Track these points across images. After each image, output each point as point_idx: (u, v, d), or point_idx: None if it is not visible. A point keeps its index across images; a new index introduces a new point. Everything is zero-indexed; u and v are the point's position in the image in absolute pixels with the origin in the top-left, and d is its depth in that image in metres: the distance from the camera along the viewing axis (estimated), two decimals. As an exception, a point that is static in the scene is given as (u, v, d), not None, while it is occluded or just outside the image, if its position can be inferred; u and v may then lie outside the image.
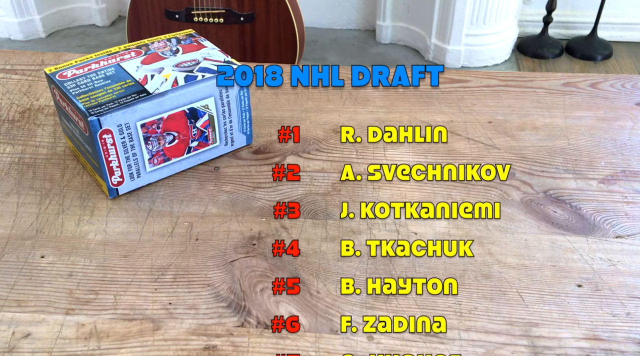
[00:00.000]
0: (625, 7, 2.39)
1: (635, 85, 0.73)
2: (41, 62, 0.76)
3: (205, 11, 1.78)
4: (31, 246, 0.51)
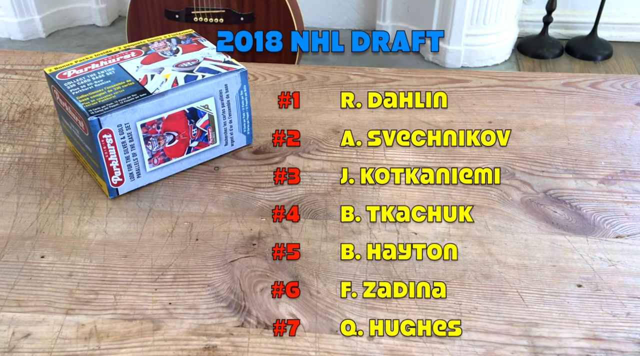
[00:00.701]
0: (625, 7, 2.39)
1: (635, 85, 0.73)
2: (41, 62, 0.76)
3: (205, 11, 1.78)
4: (31, 246, 0.51)
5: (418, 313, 0.45)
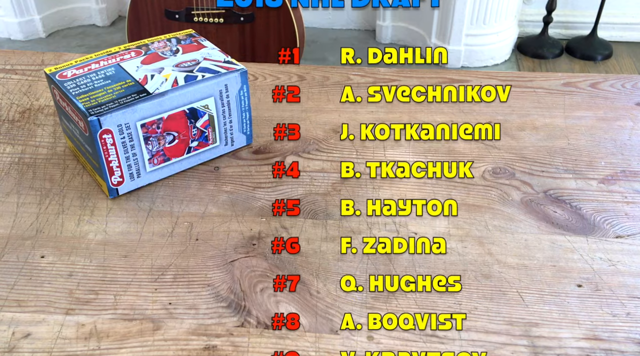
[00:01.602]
0: (625, 7, 2.39)
1: (635, 85, 0.73)
2: (41, 62, 0.76)
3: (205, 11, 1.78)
4: (31, 246, 0.51)
5: (418, 312, 0.45)
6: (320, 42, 2.44)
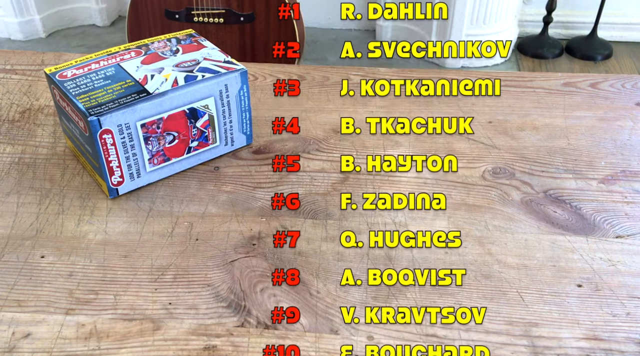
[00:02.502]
0: (625, 7, 2.39)
1: (635, 85, 0.73)
2: (41, 62, 0.76)
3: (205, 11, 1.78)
4: (31, 246, 0.51)
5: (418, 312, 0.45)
6: (320, 42, 2.44)
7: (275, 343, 0.43)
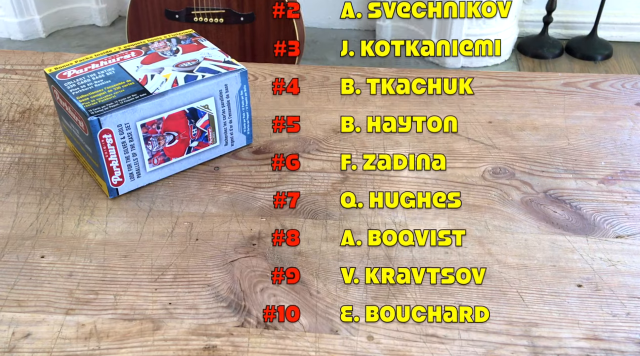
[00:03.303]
0: (625, 7, 2.39)
1: (635, 85, 0.73)
2: (41, 62, 0.76)
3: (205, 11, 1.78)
4: (31, 246, 0.51)
5: (418, 312, 0.45)
6: (320, 42, 2.44)
7: (276, 343, 0.43)
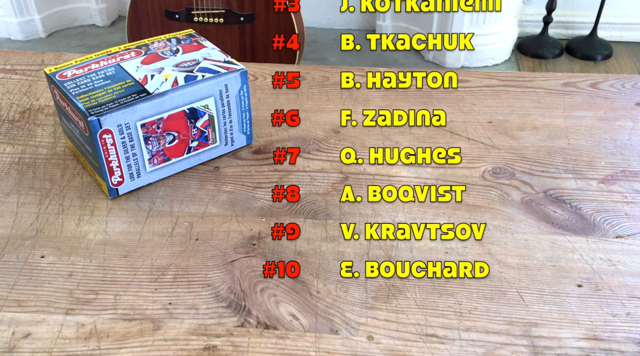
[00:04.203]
0: (625, 7, 2.39)
1: (635, 85, 0.73)
2: (41, 62, 0.76)
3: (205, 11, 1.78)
4: (31, 246, 0.51)
5: (418, 312, 0.45)
6: (320, 42, 2.44)
7: (276, 343, 0.43)
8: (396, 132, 0.64)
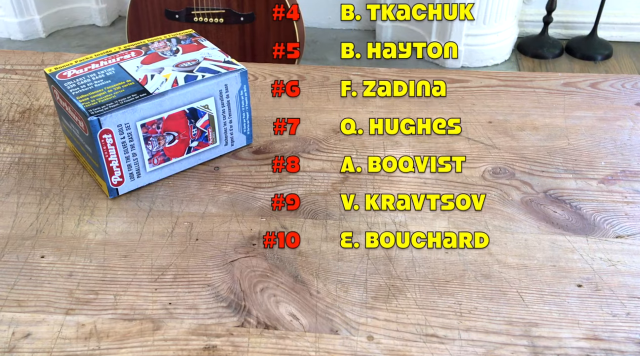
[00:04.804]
0: (625, 7, 2.39)
1: (635, 85, 0.73)
2: (41, 62, 0.76)
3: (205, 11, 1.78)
4: (31, 246, 0.51)
5: (418, 312, 0.45)
6: (320, 42, 2.44)
7: (276, 343, 0.43)
8: (397, 136, 0.64)
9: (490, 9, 2.15)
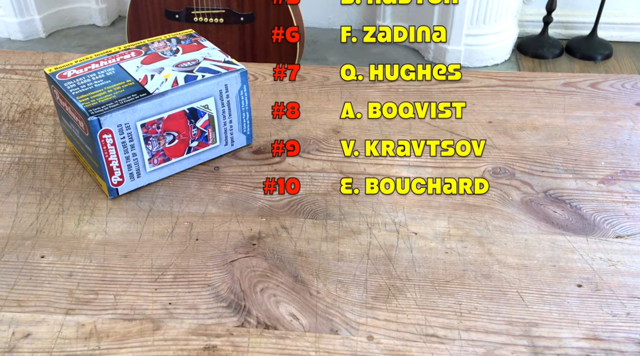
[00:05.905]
0: (625, 7, 2.39)
1: (635, 85, 0.73)
2: (41, 62, 0.76)
3: (205, 11, 1.78)
4: (31, 246, 0.51)
5: (418, 312, 0.45)
6: (320, 42, 2.44)
7: (276, 343, 0.43)
8: (396, 131, 0.64)
9: (490, 9, 2.15)
